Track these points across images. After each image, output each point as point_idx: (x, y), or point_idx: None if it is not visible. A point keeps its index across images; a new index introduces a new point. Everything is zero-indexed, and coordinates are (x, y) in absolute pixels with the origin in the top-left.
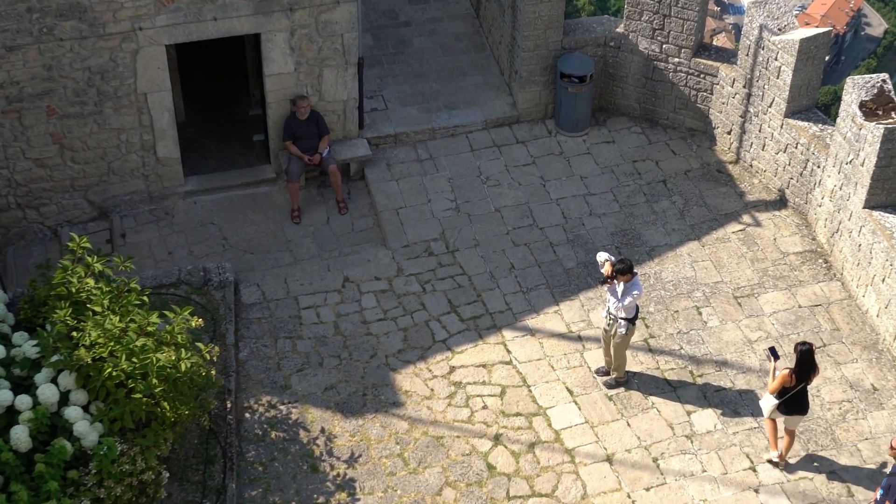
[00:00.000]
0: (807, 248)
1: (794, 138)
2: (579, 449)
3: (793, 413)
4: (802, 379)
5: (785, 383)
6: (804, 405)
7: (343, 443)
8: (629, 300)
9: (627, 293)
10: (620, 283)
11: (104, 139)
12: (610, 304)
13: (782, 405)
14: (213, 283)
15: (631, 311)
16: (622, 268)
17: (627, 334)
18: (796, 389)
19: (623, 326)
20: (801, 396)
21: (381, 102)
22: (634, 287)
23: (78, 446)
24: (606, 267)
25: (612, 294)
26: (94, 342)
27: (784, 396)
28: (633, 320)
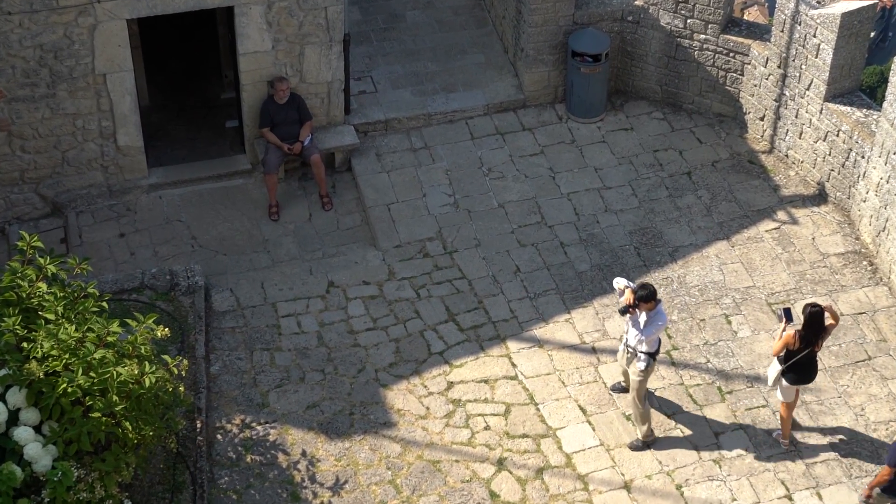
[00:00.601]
0: (849, 248)
1: (836, 125)
2: (593, 475)
3: (798, 382)
4: (809, 343)
5: (789, 345)
6: (811, 374)
7: (327, 468)
8: (653, 332)
9: (651, 324)
10: (643, 312)
11: (58, 126)
12: (629, 336)
13: (790, 373)
14: (181, 287)
15: (654, 344)
16: (645, 295)
17: (647, 370)
18: (802, 354)
19: (643, 361)
20: (808, 364)
21: (370, 84)
22: (658, 317)
23: (29, 471)
24: (627, 294)
25: (633, 325)
26: (46, 354)
27: (789, 361)
28: (654, 354)
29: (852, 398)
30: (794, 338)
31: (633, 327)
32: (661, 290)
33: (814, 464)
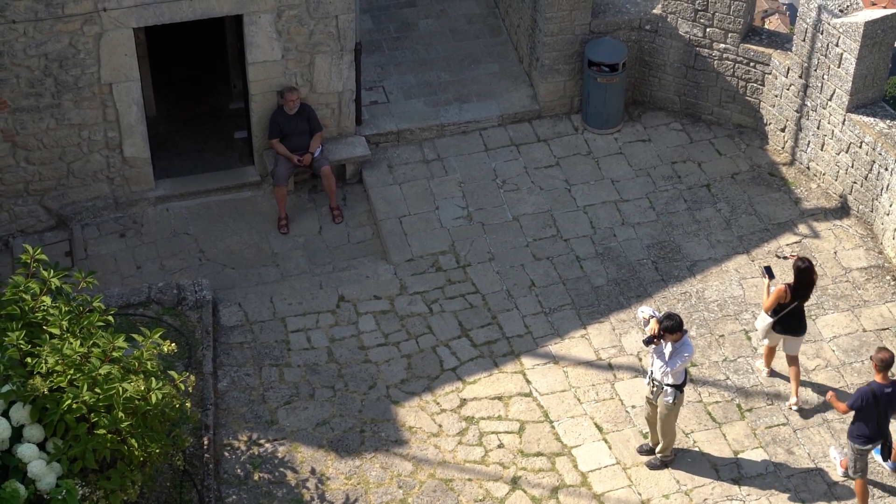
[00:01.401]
0: (872, 262)
1: (858, 136)
2: (610, 494)
3: (789, 333)
4: (798, 296)
5: (780, 299)
6: (802, 324)
7: (337, 486)
8: (679, 364)
9: (677, 355)
10: (668, 343)
11: (63, 136)
12: (654, 368)
13: (778, 324)
14: (188, 302)
15: (680, 376)
16: (671, 325)
17: (676, 404)
18: (792, 307)
19: (670, 395)
20: (797, 315)
21: (382, 94)
22: (685, 348)
23: (33, 489)
24: (652, 324)
25: (658, 356)
26: (51, 370)
27: (779, 314)
28: (681, 387)
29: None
30: (784, 292)
31: (658, 359)
32: (679, 305)
33: (835, 483)
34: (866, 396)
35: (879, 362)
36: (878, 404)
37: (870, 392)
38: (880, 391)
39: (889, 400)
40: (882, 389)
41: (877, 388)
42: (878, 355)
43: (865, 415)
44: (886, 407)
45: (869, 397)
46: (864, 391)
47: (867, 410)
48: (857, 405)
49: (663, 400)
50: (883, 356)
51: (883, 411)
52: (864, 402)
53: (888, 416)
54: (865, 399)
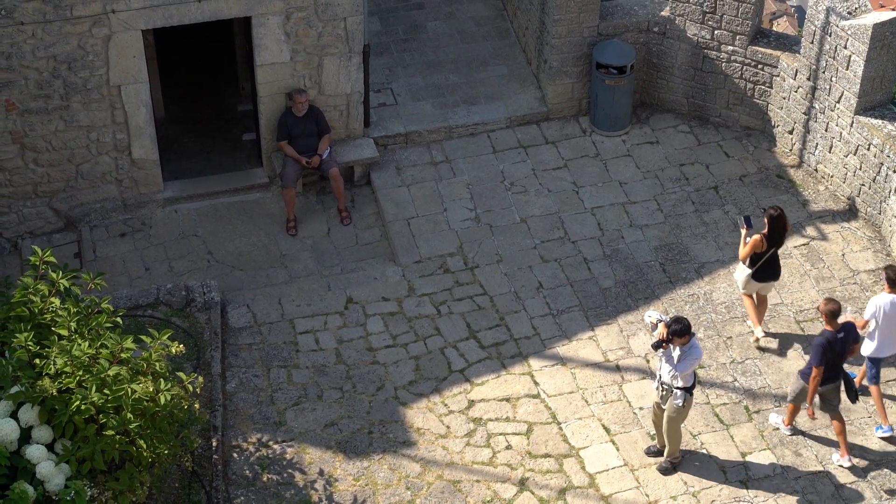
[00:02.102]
0: (881, 265)
1: (867, 138)
2: (617, 496)
3: (766, 280)
4: (773, 243)
5: (756, 248)
6: (776, 271)
7: (345, 487)
8: (688, 367)
9: (686, 359)
10: (676, 346)
11: (71, 138)
12: (663, 372)
13: (756, 273)
14: (197, 303)
15: (689, 378)
16: (679, 329)
17: (684, 407)
18: (768, 255)
19: (679, 398)
20: (773, 262)
21: (390, 97)
22: (693, 351)
23: (41, 491)
24: (660, 329)
25: (667, 360)
26: (59, 371)
27: (756, 264)
28: (690, 389)
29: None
30: (760, 241)
31: (666, 363)
32: (686, 307)
33: (843, 486)
34: (825, 347)
35: (829, 313)
36: (834, 350)
37: (826, 342)
38: (834, 338)
39: (843, 343)
40: (835, 336)
41: (830, 336)
42: (826, 307)
43: (826, 364)
44: (841, 351)
45: (827, 348)
46: (821, 343)
47: (827, 360)
48: (822, 361)
49: (672, 403)
50: (831, 307)
51: (839, 355)
52: (826, 355)
53: (843, 358)
54: (825, 350)
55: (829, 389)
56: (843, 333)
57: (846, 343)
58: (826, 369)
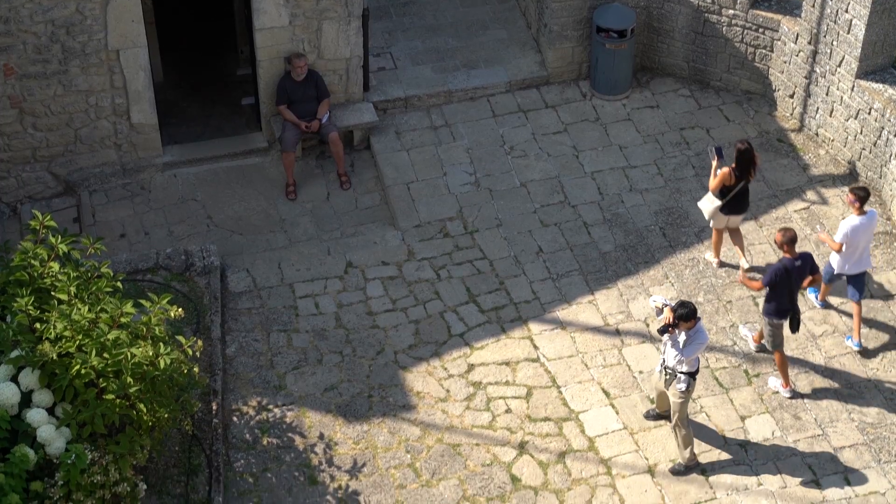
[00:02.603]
0: (880, 229)
1: (867, 103)
2: (617, 459)
3: (735, 213)
4: (743, 177)
5: (725, 181)
6: (745, 204)
7: (345, 451)
8: (694, 352)
9: (691, 343)
10: (682, 331)
11: (70, 103)
12: (667, 356)
13: (725, 206)
14: (196, 268)
15: (694, 363)
16: (685, 313)
17: (688, 391)
18: (737, 189)
19: (683, 382)
20: (741, 196)
21: (390, 61)
22: (699, 335)
23: (42, 454)
24: (666, 313)
25: (672, 345)
26: (59, 335)
27: (726, 197)
28: (694, 374)
29: (882, 381)
30: (729, 174)
31: (671, 347)
32: (686, 271)
33: (842, 448)
34: (780, 272)
35: (787, 241)
36: (790, 278)
37: (782, 268)
38: (791, 265)
39: (799, 272)
40: (792, 263)
41: (788, 262)
42: (784, 236)
43: (779, 290)
44: (797, 280)
45: (782, 272)
46: (776, 267)
47: (781, 286)
48: (772, 281)
49: (676, 387)
50: (788, 235)
51: (795, 284)
52: (777, 278)
53: (798, 289)
54: (779, 274)
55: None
56: (800, 262)
57: (803, 272)
58: (783, 299)
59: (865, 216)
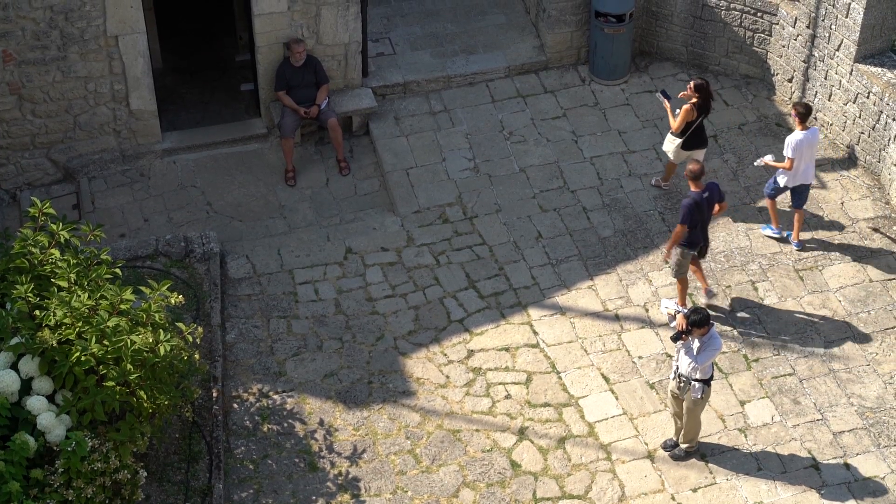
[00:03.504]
0: (879, 213)
1: (866, 87)
2: (616, 444)
3: (694, 147)
4: (703, 112)
5: (688, 117)
6: (704, 138)
7: (345, 437)
8: (708, 358)
9: (706, 350)
10: (696, 338)
11: (69, 89)
12: (681, 364)
13: (688, 141)
14: (196, 254)
15: (708, 370)
16: (698, 319)
17: (703, 398)
18: (697, 123)
19: (698, 390)
20: (700, 129)
21: (388, 46)
22: (713, 342)
23: (42, 442)
24: (679, 320)
25: (686, 353)
26: (59, 322)
27: (686, 133)
28: (709, 381)
29: (881, 366)
30: (691, 110)
31: (685, 355)
32: None
33: (841, 433)
34: (691, 207)
35: (692, 175)
36: (701, 211)
37: (693, 203)
38: (700, 198)
39: (708, 203)
40: (701, 196)
41: (696, 196)
42: (690, 167)
43: (692, 224)
44: (707, 210)
45: (693, 207)
46: (688, 204)
47: (693, 220)
48: (688, 220)
49: (691, 395)
50: (693, 168)
51: (707, 215)
52: (692, 214)
53: (709, 219)
54: (692, 211)
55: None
56: (707, 193)
57: (711, 202)
58: (694, 230)
59: (808, 131)
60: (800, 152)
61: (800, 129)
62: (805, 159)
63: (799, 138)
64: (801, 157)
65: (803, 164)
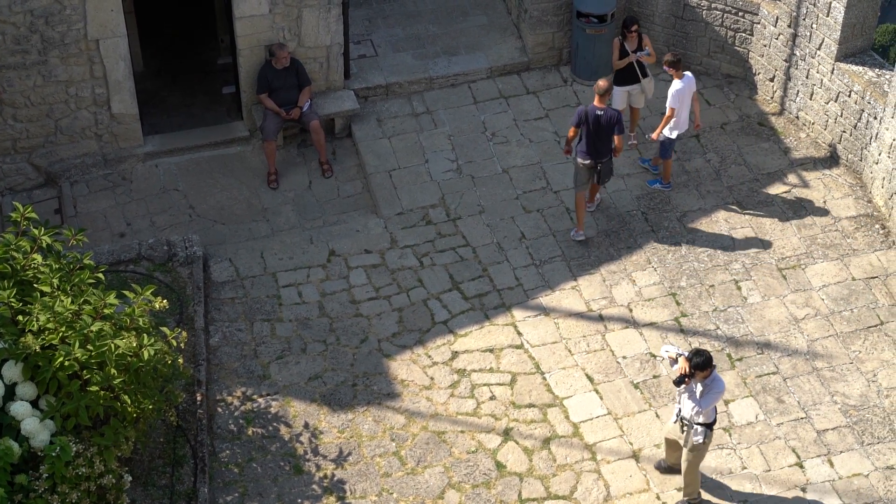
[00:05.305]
0: (861, 211)
1: (847, 85)
2: (601, 444)
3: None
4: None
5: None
6: (636, 74)
7: (330, 440)
8: (712, 401)
9: (709, 393)
10: (698, 381)
11: (50, 93)
12: (684, 408)
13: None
14: (179, 258)
15: (711, 414)
16: (700, 362)
17: (705, 443)
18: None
19: (700, 434)
20: (632, 67)
21: (370, 48)
22: (716, 384)
23: (27, 447)
24: (681, 363)
25: (689, 396)
26: (42, 327)
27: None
28: (711, 425)
29: (864, 364)
30: (618, 44)
31: (688, 399)
32: (669, 255)
33: (825, 431)
34: (581, 114)
35: (598, 88)
36: (589, 123)
37: (583, 110)
38: (592, 112)
39: (597, 122)
40: (594, 111)
41: (590, 109)
42: (599, 84)
43: (584, 133)
44: (596, 127)
45: (582, 115)
46: (579, 110)
47: (584, 129)
48: (575, 122)
49: (692, 439)
50: (602, 84)
51: (593, 131)
52: (580, 119)
53: (600, 138)
54: (580, 116)
55: (588, 165)
56: (602, 113)
57: (608, 125)
58: (584, 141)
59: (684, 79)
60: (681, 100)
61: (677, 79)
62: (685, 106)
63: (678, 87)
64: (683, 105)
65: (684, 111)
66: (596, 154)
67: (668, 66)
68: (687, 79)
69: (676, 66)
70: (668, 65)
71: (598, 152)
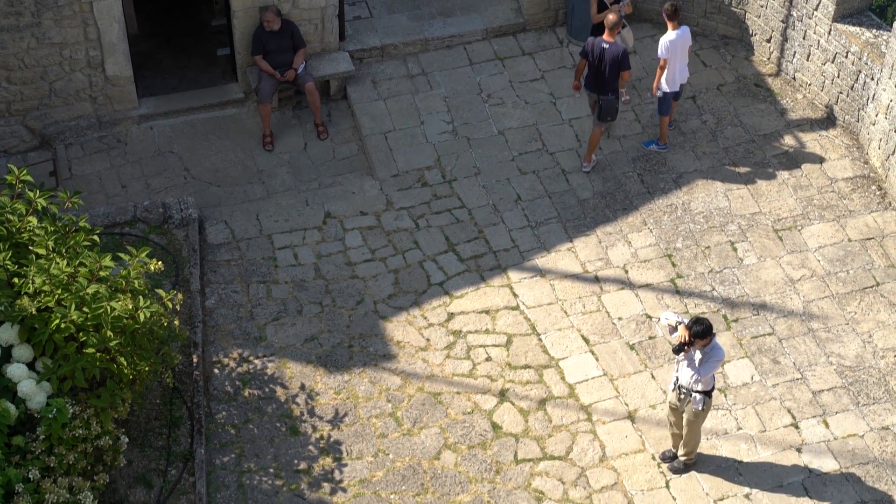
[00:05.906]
0: (858, 173)
1: (844, 46)
2: (597, 405)
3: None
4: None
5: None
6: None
7: (326, 401)
8: (711, 369)
9: (708, 361)
10: (697, 349)
11: (44, 56)
12: (682, 376)
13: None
14: (174, 220)
15: (709, 382)
16: (700, 330)
17: (704, 410)
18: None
19: (699, 402)
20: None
21: (365, 9)
22: (715, 352)
23: (23, 409)
24: (681, 331)
25: (688, 364)
26: (38, 290)
27: None
28: (710, 392)
29: (860, 325)
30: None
31: (687, 367)
32: (664, 217)
33: (820, 392)
34: (588, 44)
35: (608, 23)
36: (594, 55)
37: (592, 42)
38: (598, 45)
39: (601, 55)
40: (601, 44)
41: (598, 41)
42: (609, 20)
43: (588, 63)
44: (598, 61)
45: (589, 45)
46: (588, 39)
47: (589, 58)
48: (582, 52)
49: (691, 407)
50: (612, 18)
51: (596, 63)
52: (586, 48)
53: (601, 72)
54: (587, 45)
55: (593, 99)
56: (609, 46)
57: (612, 60)
58: (589, 76)
59: (679, 30)
60: (673, 52)
61: (672, 30)
62: (679, 59)
63: (671, 38)
64: (676, 57)
65: (678, 63)
66: (597, 87)
67: (666, 14)
68: (683, 30)
69: (673, 16)
70: (666, 13)
71: (599, 86)
